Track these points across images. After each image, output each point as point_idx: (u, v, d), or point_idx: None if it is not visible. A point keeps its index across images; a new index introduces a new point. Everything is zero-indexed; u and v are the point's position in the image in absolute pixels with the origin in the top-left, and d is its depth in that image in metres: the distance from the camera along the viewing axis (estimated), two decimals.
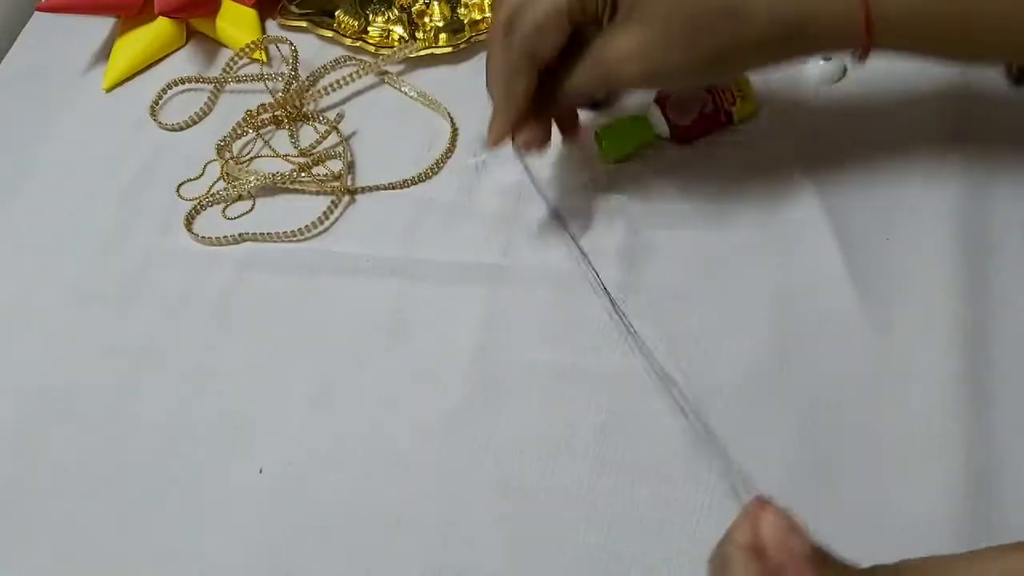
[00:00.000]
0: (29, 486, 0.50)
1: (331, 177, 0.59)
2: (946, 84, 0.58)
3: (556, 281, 0.53)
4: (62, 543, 0.48)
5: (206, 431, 0.50)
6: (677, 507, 0.45)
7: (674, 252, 0.54)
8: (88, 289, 0.57)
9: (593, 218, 0.56)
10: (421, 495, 0.47)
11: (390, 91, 0.65)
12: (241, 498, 0.48)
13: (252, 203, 0.60)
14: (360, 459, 0.49)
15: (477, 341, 0.52)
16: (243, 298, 0.55)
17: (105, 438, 0.51)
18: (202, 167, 0.62)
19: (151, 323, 0.55)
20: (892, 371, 0.48)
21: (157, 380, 0.53)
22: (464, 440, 0.48)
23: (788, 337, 0.50)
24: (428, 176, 0.59)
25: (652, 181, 0.57)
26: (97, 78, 0.68)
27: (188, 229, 0.59)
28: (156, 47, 0.68)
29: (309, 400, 0.51)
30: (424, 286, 0.54)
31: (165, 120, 0.65)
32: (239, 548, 0.46)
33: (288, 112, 0.62)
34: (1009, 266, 0.51)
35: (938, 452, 0.45)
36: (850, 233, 0.53)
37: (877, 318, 0.50)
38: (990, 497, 0.44)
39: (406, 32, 0.66)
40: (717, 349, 0.50)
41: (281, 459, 0.49)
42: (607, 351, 0.50)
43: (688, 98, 0.57)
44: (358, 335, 0.53)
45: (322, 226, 0.57)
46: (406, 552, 0.45)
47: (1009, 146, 0.55)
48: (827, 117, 0.58)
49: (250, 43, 0.65)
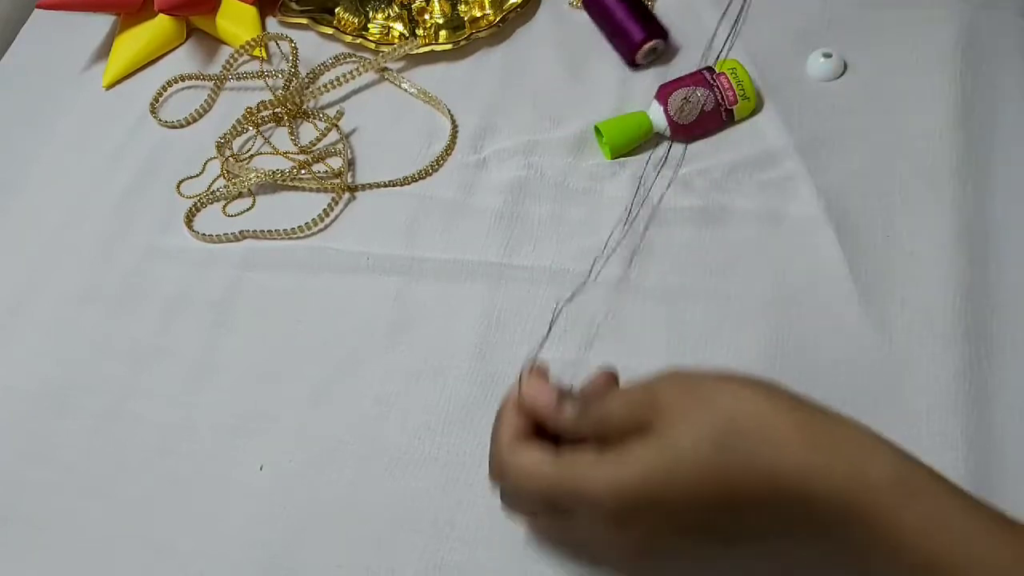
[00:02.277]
0: (29, 484, 0.50)
1: (331, 174, 0.59)
2: (946, 84, 0.58)
3: (556, 278, 0.53)
4: (62, 540, 0.48)
5: (206, 428, 0.50)
6: None
7: (674, 251, 0.54)
8: (88, 287, 0.57)
9: (593, 216, 0.56)
10: (420, 493, 0.47)
11: (390, 88, 0.65)
12: (241, 495, 0.48)
13: (252, 200, 0.60)
14: (359, 456, 0.49)
15: (477, 338, 0.52)
16: (243, 295, 0.55)
17: (105, 436, 0.51)
18: (202, 164, 0.62)
19: (151, 320, 0.55)
20: (892, 370, 0.48)
21: (157, 377, 0.53)
22: (464, 437, 0.48)
23: (788, 336, 0.50)
24: (428, 173, 0.59)
25: (652, 179, 0.57)
26: (97, 75, 0.68)
27: (188, 226, 0.59)
28: (156, 44, 0.68)
29: (309, 397, 0.51)
30: (424, 283, 0.54)
31: (165, 117, 0.65)
32: (239, 545, 0.46)
33: (288, 109, 0.62)
34: (1009, 266, 0.51)
35: (938, 451, 0.45)
36: (850, 233, 0.53)
37: (877, 318, 0.50)
38: (990, 496, 0.44)
39: (406, 29, 0.66)
40: (717, 347, 0.50)
41: (281, 456, 0.49)
42: (607, 348, 0.50)
43: (690, 97, 0.57)
44: (358, 332, 0.53)
45: (322, 223, 0.57)
46: (405, 550, 0.45)
47: (1009, 146, 0.55)
48: (827, 116, 0.58)
49: (250, 40, 0.65)
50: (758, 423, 0.33)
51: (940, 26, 0.61)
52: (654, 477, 0.33)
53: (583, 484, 0.34)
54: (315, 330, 0.53)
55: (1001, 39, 0.60)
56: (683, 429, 0.33)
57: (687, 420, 0.34)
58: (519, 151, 0.59)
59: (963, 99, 0.57)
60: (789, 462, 0.33)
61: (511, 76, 0.63)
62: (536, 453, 0.35)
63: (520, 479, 0.36)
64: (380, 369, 0.51)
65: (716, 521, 0.34)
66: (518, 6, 0.66)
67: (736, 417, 0.34)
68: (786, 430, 0.33)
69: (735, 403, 0.34)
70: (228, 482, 0.49)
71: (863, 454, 0.33)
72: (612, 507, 0.33)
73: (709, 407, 0.34)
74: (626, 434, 0.34)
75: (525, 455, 0.36)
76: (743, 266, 0.53)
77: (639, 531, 0.34)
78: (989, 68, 0.58)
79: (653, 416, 0.34)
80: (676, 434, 0.33)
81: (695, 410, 0.34)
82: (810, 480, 0.33)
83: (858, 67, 0.60)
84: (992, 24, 0.61)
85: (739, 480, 0.33)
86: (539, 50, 0.65)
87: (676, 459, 0.33)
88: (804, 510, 0.33)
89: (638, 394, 0.35)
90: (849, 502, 0.32)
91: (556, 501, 0.35)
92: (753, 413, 0.34)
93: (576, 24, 0.66)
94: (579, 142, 0.59)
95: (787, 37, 0.62)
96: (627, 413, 0.35)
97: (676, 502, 0.33)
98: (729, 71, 0.58)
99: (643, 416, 0.34)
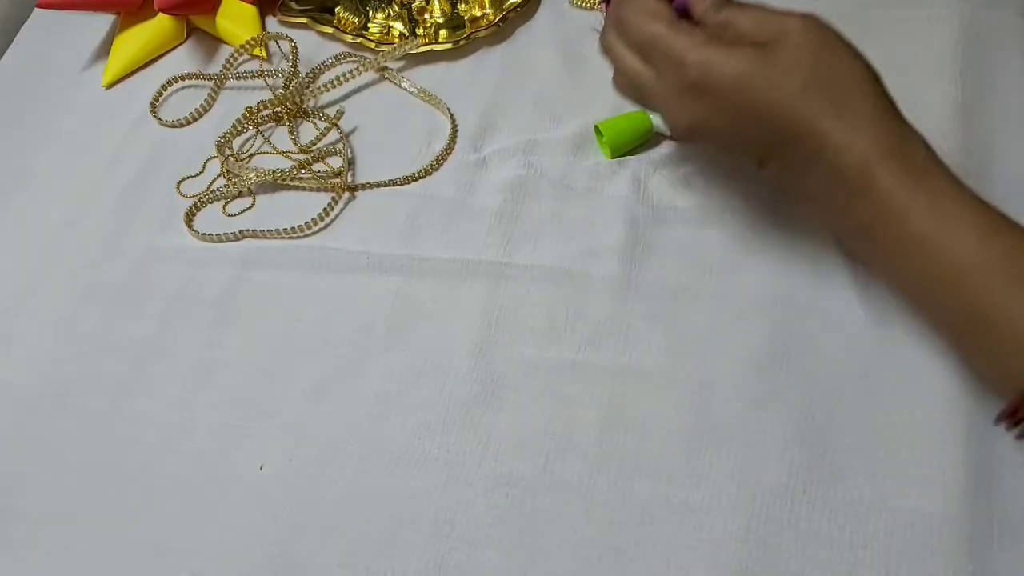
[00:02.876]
0: (29, 482, 0.50)
1: (331, 174, 0.59)
2: (946, 84, 0.58)
3: (556, 278, 0.53)
4: (62, 538, 0.48)
5: (206, 428, 0.50)
6: (677, 503, 0.45)
7: (674, 251, 0.54)
8: (88, 286, 0.57)
9: (594, 216, 0.56)
10: (421, 491, 0.47)
11: (390, 87, 0.65)
12: (241, 494, 0.48)
13: (252, 200, 0.60)
14: (360, 455, 0.49)
15: (477, 338, 0.52)
16: (243, 295, 0.55)
17: (105, 435, 0.51)
18: (202, 164, 0.62)
19: (151, 320, 0.55)
20: (892, 370, 0.48)
21: (157, 377, 0.53)
22: (464, 436, 0.48)
23: (788, 336, 0.50)
24: (428, 172, 0.59)
25: (652, 178, 0.57)
26: (97, 75, 0.68)
27: (188, 226, 0.59)
28: (156, 44, 0.68)
29: (309, 396, 0.51)
30: (424, 283, 0.54)
31: (165, 117, 0.65)
32: (239, 545, 0.46)
33: (288, 109, 0.62)
34: None
35: (938, 450, 0.45)
36: None
37: (877, 317, 0.50)
38: (991, 495, 0.44)
39: (406, 28, 0.66)
40: (717, 347, 0.50)
41: (281, 456, 0.49)
42: (607, 347, 0.50)
43: None
44: (358, 332, 0.53)
45: (322, 223, 0.57)
46: (406, 548, 0.45)
47: (1009, 146, 0.55)
48: None
49: (250, 40, 0.65)
50: (849, 95, 0.40)
51: (940, 26, 0.61)
52: (744, 80, 0.39)
53: (685, 50, 0.40)
54: (315, 329, 0.53)
55: (1001, 39, 0.60)
56: (795, 67, 0.39)
57: (801, 63, 0.39)
58: (519, 151, 0.59)
59: (963, 99, 0.57)
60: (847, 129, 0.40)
61: (511, 76, 0.63)
62: (659, 5, 0.42)
63: (636, 20, 0.42)
64: (380, 368, 0.51)
65: (764, 141, 0.42)
66: (518, 6, 0.66)
67: (840, 84, 0.40)
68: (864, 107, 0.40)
69: (848, 75, 0.40)
70: (228, 482, 0.48)
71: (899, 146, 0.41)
72: (694, 79, 0.40)
73: (825, 68, 0.40)
74: (741, 42, 0.40)
75: (650, 1, 0.42)
76: (743, 266, 0.53)
77: (703, 109, 0.41)
78: (989, 68, 0.58)
79: (775, 42, 0.40)
80: (786, 65, 0.39)
81: (812, 59, 0.40)
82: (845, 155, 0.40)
83: None
84: (992, 24, 0.61)
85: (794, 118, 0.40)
86: (539, 50, 0.65)
87: (770, 82, 0.39)
88: (830, 169, 0.41)
89: (772, 22, 0.41)
90: (870, 181, 0.40)
91: (653, 53, 0.42)
92: (854, 88, 0.40)
93: (576, 24, 0.66)
94: (579, 142, 0.59)
95: None
96: (753, 28, 0.41)
97: (747, 108, 0.40)
98: None
99: (765, 37, 0.40)
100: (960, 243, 0.39)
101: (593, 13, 0.66)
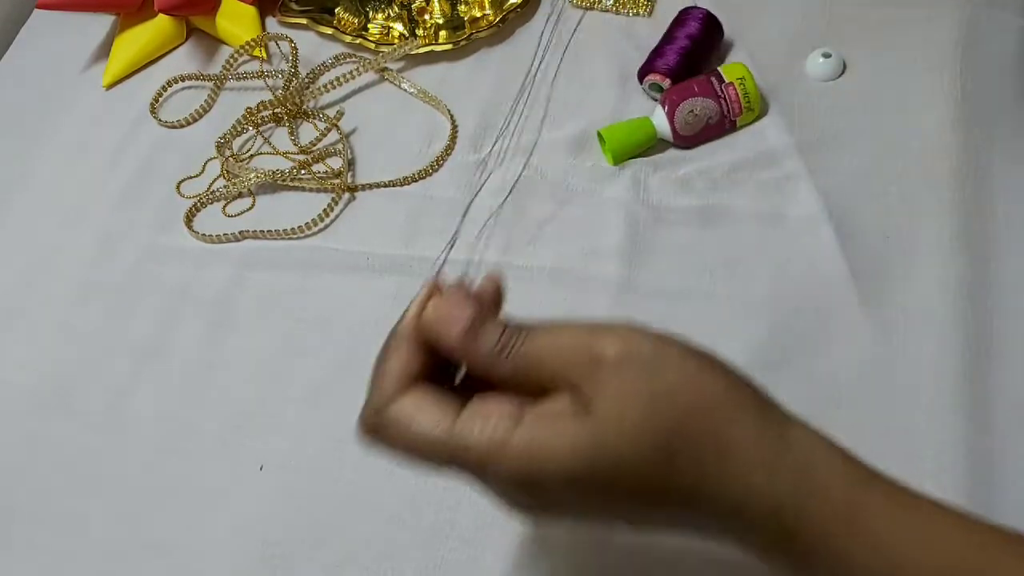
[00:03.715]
0: (29, 481, 0.50)
1: (331, 174, 0.59)
2: (946, 84, 0.58)
3: (556, 278, 0.53)
4: (61, 538, 0.48)
5: (206, 428, 0.50)
6: None
7: (674, 251, 0.54)
8: (88, 286, 0.57)
9: (593, 216, 0.56)
10: (420, 492, 0.47)
11: (390, 88, 0.65)
12: (241, 495, 0.48)
13: (252, 200, 0.60)
14: (359, 456, 0.48)
15: None
16: (243, 295, 0.55)
17: (105, 435, 0.51)
18: (202, 164, 0.62)
19: (151, 320, 0.55)
20: (892, 370, 0.48)
21: (157, 377, 0.53)
22: None
23: (788, 336, 0.50)
24: (428, 173, 0.59)
25: (652, 180, 0.57)
26: (97, 75, 0.68)
27: (188, 226, 0.59)
28: (156, 44, 0.68)
29: (309, 397, 0.51)
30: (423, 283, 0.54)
31: (165, 117, 0.65)
32: (239, 544, 0.46)
33: (288, 109, 0.62)
34: (1009, 266, 0.51)
35: (938, 451, 0.45)
36: (850, 233, 0.53)
37: (877, 318, 0.50)
38: (991, 495, 0.44)
39: (406, 29, 0.66)
40: (717, 347, 0.50)
41: (281, 456, 0.49)
42: None
43: (697, 111, 0.57)
44: (357, 332, 0.53)
45: (322, 223, 0.57)
46: (406, 548, 0.45)
47: (1009, 146, 0.55)
48: (827, 116, 0.58)
49: (250, 40, 0.65)
50: (712, 428, 0.29)
51: (940, 26, 0.61)
52: (578, 473, 0.28)
53: (493, 458, 0.29)
54: (315, 330, 0.53)
55: (1001, 39, 0.60)
56: (634, 429, 0.28)
57: (628, 409, 0.28)
58: (519, 151, 0.59)
59: (963, 99, 0.57)
60: (736, 485, 0.29)
61: (511, 76, 0.63)
62: (428, 416, 0.30)
63: (408, 444, 0.31)
64: None
65: (636, 515, 0.30)
66: (518, 6, 0.66)
67: (687, 416, 0.29)
68: (743, 441, 0.29)
69: (689, 398, 0.29)
70: (228, 482, 0.48)
71: (812, 481, 0.30)
72: (519, 479, 0.29)
73: (657, 401, 0.28)
74: (552, 387, 0.29)
75: (415, 416, 0.30)
76: (743, 266, 0.53)
77: (546, 499, 0.30)
78: (989, 68, 0.58)
79: (590, 383, 0.29)
80: (622, 429, 0.28)
81: (640, 399, 0.28)
82: (752, 505, 0.29)
83: (858, 67, 0.60)
84: (992, 24, 0.61)
85: (682, 489, 0.29)
86: (539, 50, 0.65)
87: (615, 460, 0.28)
88: (740, 525, 0.29)
89: (579, 347, 0.29)
90: (792, 530, 0.29)
91: (457, 467, 0.30)
92: (707, 410, 0.29)
93: (576, 24, 0.66)
94: (579, 142, 0.59)
95: (787, 37, 0.62)
96: (561, 366, 0.29)
97: (597, 496, 0.29)
98: (738, 81, 0.57)
99: (577, 375, 0.29)
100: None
101: (593, 13, 0.66)
